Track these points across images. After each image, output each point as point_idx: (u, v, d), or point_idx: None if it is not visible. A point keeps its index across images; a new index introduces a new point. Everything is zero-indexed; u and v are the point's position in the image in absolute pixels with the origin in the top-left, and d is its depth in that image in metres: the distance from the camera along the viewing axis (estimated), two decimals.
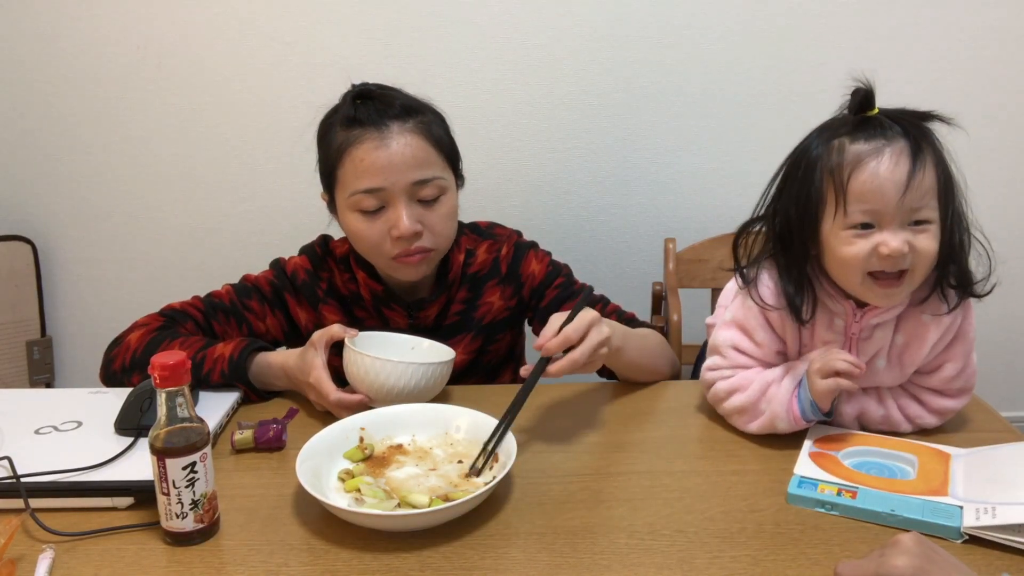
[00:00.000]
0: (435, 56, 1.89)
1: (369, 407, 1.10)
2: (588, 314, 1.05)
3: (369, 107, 1.19)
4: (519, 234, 1.39)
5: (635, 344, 1.21)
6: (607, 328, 1.06)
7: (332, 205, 1.26)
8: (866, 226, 0.97)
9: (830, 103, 1.99)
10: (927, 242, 0.97)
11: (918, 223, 0.97)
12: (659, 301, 1.79)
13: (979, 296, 1.03)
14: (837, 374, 1.00)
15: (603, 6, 1.86)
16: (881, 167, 0.95)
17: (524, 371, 1.05)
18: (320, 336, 1.15)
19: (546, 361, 1.02)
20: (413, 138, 1.18)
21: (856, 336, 1.06)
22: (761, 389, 1.06)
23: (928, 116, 0.99)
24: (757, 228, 1.09)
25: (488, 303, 1.34)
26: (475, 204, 1.96)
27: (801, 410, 1.03)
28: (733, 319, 1.11)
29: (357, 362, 1.11)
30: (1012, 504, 0.85)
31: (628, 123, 1.94)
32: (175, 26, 1.89)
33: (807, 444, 1.04)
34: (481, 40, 1.88)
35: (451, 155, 1.25)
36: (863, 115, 0.98)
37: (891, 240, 0.95)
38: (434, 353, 1.20)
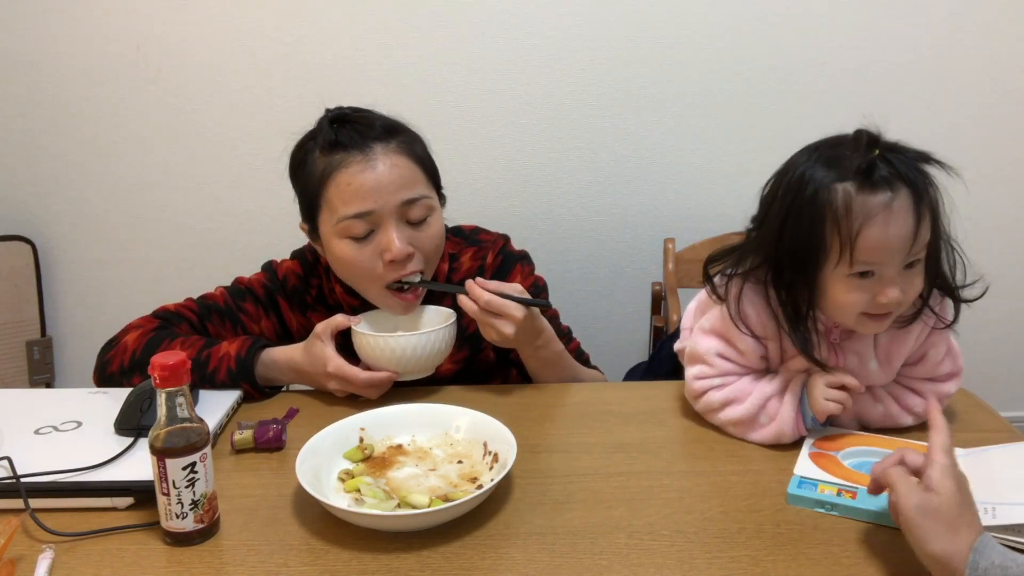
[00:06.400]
0: (435, 56, 1.89)
1: (398, 380, 1.17)
2: (518, 289, 1.16)
3: (349, 129, 1.16)
4: (505, 239, 1.36)
5: (557, 363, 1.26)
6: (521, 313, 1.13)
7: (315, 234, 1.22)
8: (866, 274, 0.98)
9: (829, 103, 1.99)
10: (918, 281, 1.00)
11: (911, 264, 0.99)
12: (659, 301, 1.79)
13: (968, 301, 1.05)
14: (843, 387, 1.03)
15: (603, 6, 1.86)
16: (890, 226, 0.95)
17: (469, 284, 1.15)
18: (324, 327, 1.16)
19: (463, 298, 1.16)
20: (399, 158, 1.16)
21: (836, 341, 1.07)
22: (759, 403, 1.06)
23: (927, 158, 0.98)
24: (724, 258, 1.10)
25: None
26: (475, 204, 1.96)
27: (805, 425, 1.06)
28: (712, 328, 1.11)
29: (374, 344, 1.15)
30: (1012, 504, 0.85)
31: (628, 123, 1.94)
32: (175, 26, 1.89)
33: (807, 444, 1.04)
34: (481, 40, 1.89)
35: (433, 175, 1.23)
36: (867, 158, 0.95)
37: (890, 291, 0.98)
38: (436, 315, 1.25)
